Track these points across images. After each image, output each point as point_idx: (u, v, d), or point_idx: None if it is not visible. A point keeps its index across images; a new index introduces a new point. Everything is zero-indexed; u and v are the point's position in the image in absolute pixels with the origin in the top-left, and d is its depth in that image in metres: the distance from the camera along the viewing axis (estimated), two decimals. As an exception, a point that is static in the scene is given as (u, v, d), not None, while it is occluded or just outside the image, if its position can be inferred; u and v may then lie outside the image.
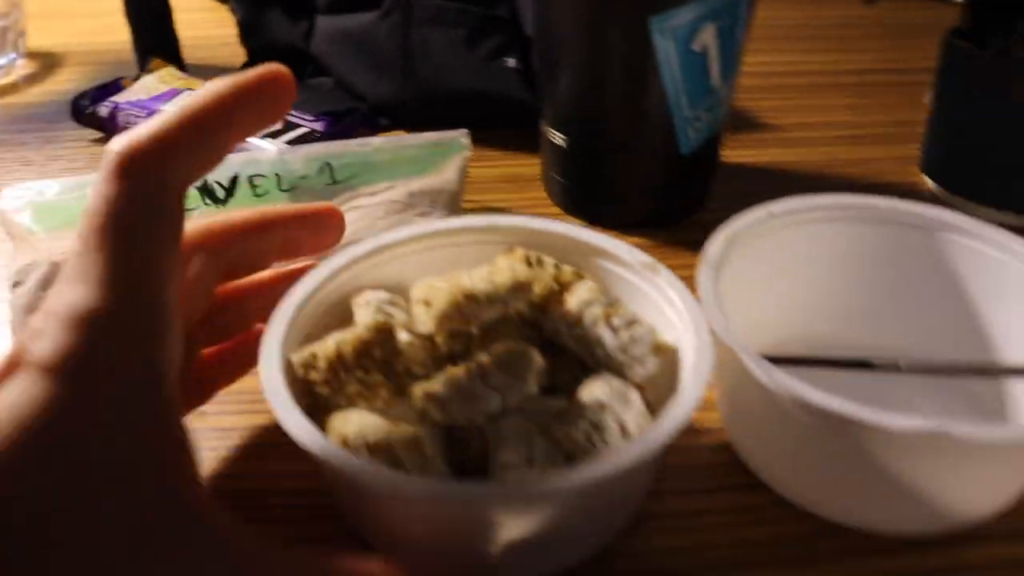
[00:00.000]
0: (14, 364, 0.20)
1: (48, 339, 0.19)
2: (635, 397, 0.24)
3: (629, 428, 0.24)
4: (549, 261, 0.29)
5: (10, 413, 0.18)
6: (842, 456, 0.25)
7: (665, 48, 0.37)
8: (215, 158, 0.23)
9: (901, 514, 0.27)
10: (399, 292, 0.29)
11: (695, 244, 0.42)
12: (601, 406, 0.24)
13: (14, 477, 0.18)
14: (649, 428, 0.22)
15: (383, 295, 0.28)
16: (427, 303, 0.26)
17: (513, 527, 0.22)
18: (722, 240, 0.30)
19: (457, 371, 0.24)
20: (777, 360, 0.27)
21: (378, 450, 0.23)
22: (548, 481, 0.21)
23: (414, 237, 0.30)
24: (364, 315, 0.27)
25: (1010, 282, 0.31)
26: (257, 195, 0.41)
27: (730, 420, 0.30)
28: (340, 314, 0.28)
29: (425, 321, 0.26)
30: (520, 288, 0.26)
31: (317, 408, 0.25)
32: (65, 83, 0.64)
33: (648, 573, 0.27)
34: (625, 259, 0.29)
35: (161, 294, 0.21)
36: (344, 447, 0.23)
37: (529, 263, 0.29)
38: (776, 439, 0.27)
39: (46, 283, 0.35)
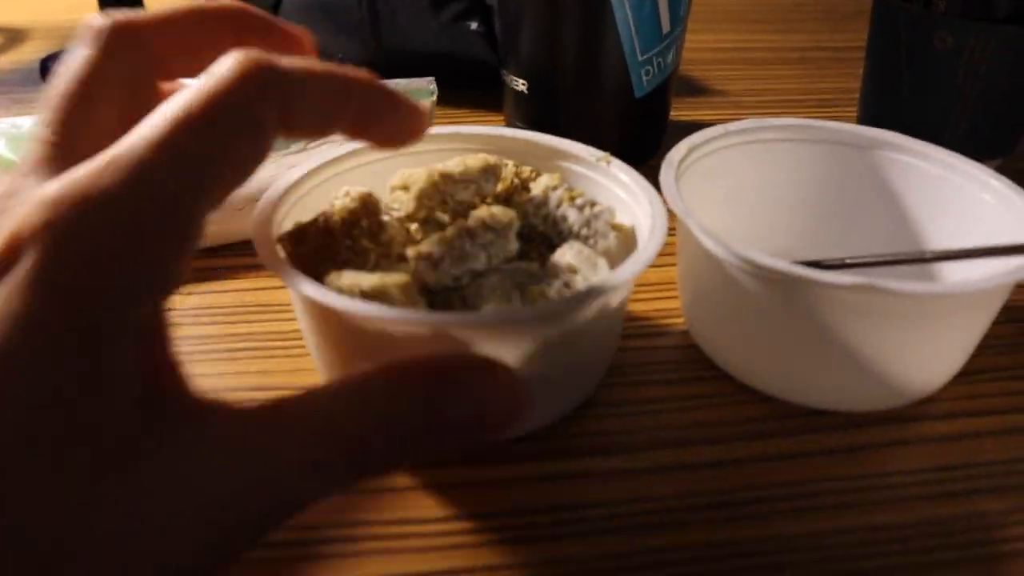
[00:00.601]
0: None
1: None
2: (602, 263, 0.26)
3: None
4: (510, 162, 0.31)
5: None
6: (789, 322, 0.28)
7: (619, -8, 0.40)
8: (208, 55, 0.21)
9: (852, 389, 0.29)
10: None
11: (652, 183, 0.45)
12: (571, 268, 0.26)
13: None
14: (608, 276, 0.25)
15: (361, 188, 0.30)
16: (405, 187, 0.28)
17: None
18: (684, 148, 0.32)
19: (447, 231, 0.26)
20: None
21: (373, 295, 0.23)
22: (516, 310, 0.23)
23: None
24: (342, 202, 0.29)
25: (940, 190, 0.34)
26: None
27: (691, 309, 0.33)
28: (318, 208, 0.30)
29: (405, 202, 0.28)
30: (490, 170, 0.29)
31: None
32: (31, 54, 0.65)
33: (600, 449, 0.28)
34: (581, 155, 0.31)
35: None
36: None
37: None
38: (730, 314, 0.30)
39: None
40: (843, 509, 0.27)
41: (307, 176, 0.30)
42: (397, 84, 0.45)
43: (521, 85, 0.45)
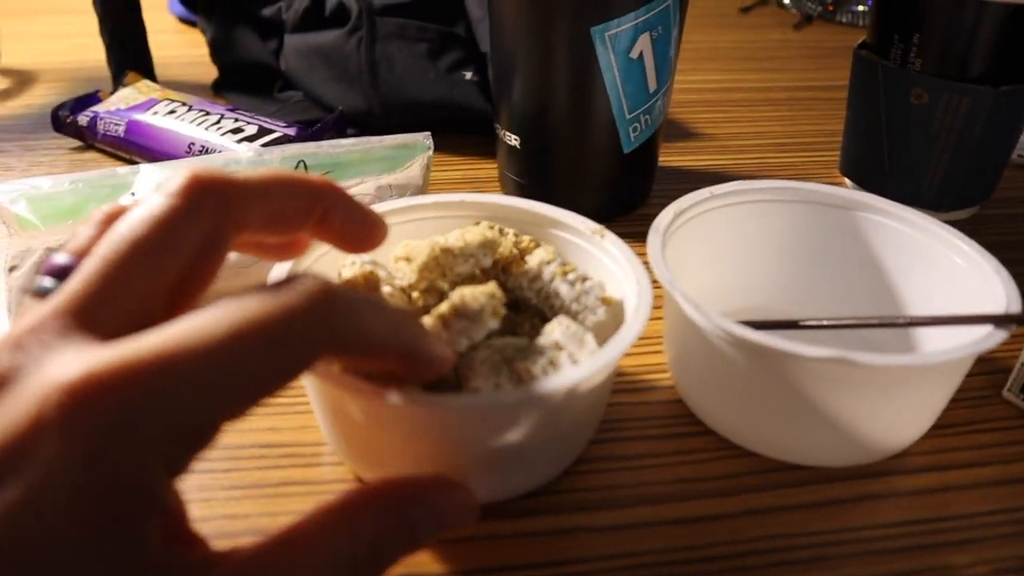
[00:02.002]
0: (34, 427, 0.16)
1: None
2: (589, 338, 0.28)
3: (581, 363, 0.28)
4: (510, 231, 0.33)
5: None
6: (767, 387, 0.29)
7: (606, 55, 0.42)
8: (272, 221, 0.22)
9: (827, 447, 0.31)
10: (379, 259, 0.33)
11: (639, 236, 0.47)
12: (558, 346, 0.27)
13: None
14: (596, 354, 0.26)
15: (366, 258, 0.32)
16: (408, 259, 0.30)
17: (475, 442, 0.26)
18: (670, 213, 0.34)
19: (427, 319, 0.27)
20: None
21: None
22: (504, 394, 0.25)
23: (393, 211, 0.34)
24: (350, 272, 0.31)
25: (914, 252, 0.35)
26: (236, 191, 0.44)
27: (676, 368, 0.34)
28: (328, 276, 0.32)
29: (407, 274, 0.30)
30: (488, 245, 0.30)
31: None
32: (41, 98, 0.67)
33: (588, 506, 0.30)
34: (577, 227, 0.33)
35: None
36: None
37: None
38: (712, 376, 0.32)
39: (40, 267, 0.38)
40: (819, 562, 0.28)
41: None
42: (395, 139, 0.47)
43: (513, 140, 0.47)
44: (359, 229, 0.25)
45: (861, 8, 0.89)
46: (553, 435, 0.28)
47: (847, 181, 0.54)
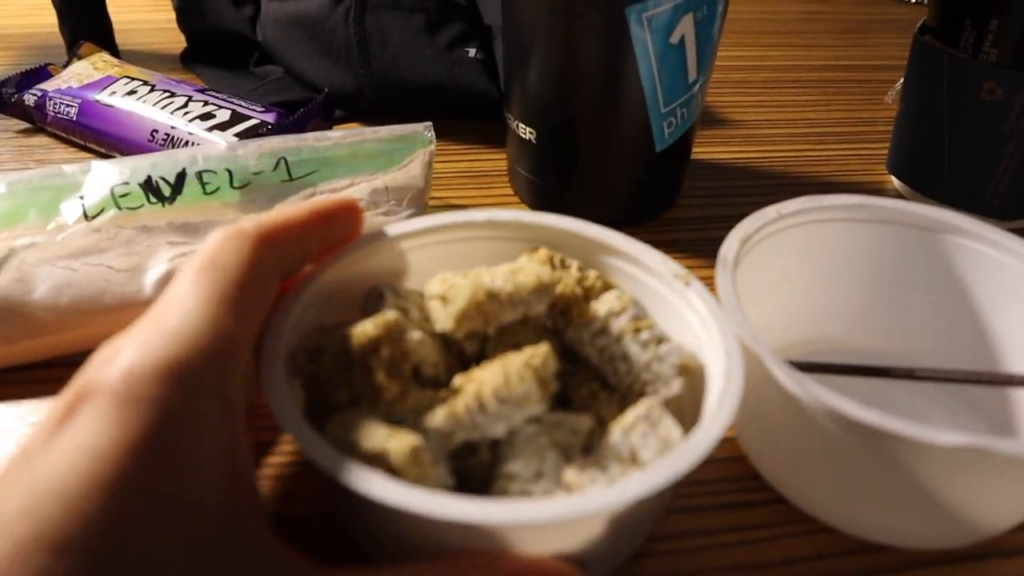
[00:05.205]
0: (80, 396, 0.19)
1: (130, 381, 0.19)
2: (668, 427, 0.23)
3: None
4: (574, 263, 0.28)
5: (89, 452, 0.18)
6: (875, 470, 0.24)
7: (643, 40, 0.36)
8: (306, 258, 0.25)
9: (932, 529, 0.26)
10: (413, 284, 0.28)
11: (669, 244, 0.41)
12: (633, 457, 0.22)
13: (104, 522, 0.17)
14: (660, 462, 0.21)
15: (396, 287, 0.26)
16: (444, 299, 0.24)
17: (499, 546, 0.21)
18: (736, 241, 0.29)
19: (456, 405, 0.22)
20: (797, 365, 0.26)
21: (375, 459, 0.21)
22: (519, 509, 0.19)
23: (429, 228, 0.28)
24: (375, 309, 0.25)
25: (1011, 285, 0.30)
26: (207, 192, 0.37)
27: (747, 430, 0.29)
28: (348, 303, 0.27)
29: (442, 319, 0.24)
30: (543, 290, 0.25)
31: (318, 401, 0.23)
32: (-13, 65, 0.59)
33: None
34: (656, 268, 0.27)
35: (246, 354, 0.22)
36: (341, 452, 0.21)
37: (553, 265, 0.27)
38: (799, 450, 0.26)
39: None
40: None
41: (333, 266, 0.26)
42: (391, 131, 0.40)
43: (528, 133, 0.41)
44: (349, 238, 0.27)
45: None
46: (615, 534, 0.23)
47: (895, 181, 0.48)
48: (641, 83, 0.37)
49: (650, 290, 0.28)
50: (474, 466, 0.24)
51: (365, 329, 0.23)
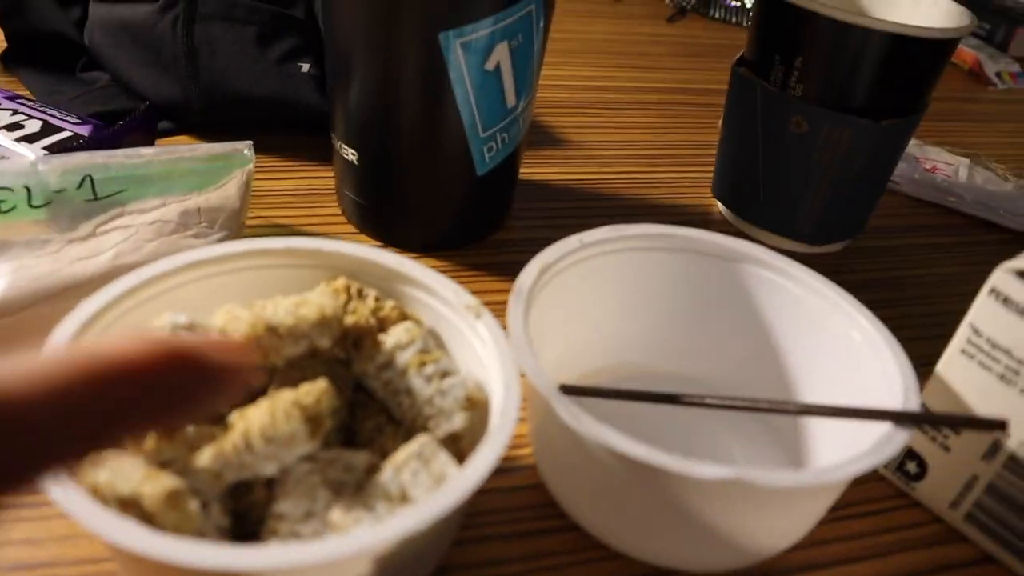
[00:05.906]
0: None
1: None
2: (443, 463, 0.23)
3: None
4: (371, 293, 0.28)
5: None
6: (647, 499, 0.25)
7: (458, 65, 0.36)
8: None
9: (710, 554, 0.27)
10: (207, 314, 0.26)
11: (495, 267, 0.41)
12: (403, 495, 0.22)
13: None
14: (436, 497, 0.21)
15: (182, 319, 0.25)
16: (224, 332, 0.23)
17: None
18: (535, 270, 0.29)
19: (224, 445, 0.22)
20: (588, 392, 0.26)
21: (128, 504, 0.20)
22: (270, 554, 0.19)
23: (224, 256, 0.28)
24: None
25: (804, 316, 0.32)
26: (2, 211, 0.35)
27: (542, 459, 0.29)
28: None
29: None
30: (326, 324, 0.24)
31: None
32: None
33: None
34: (450, 299, 0.28)
35: None
36: (93, 495, 0.20)
37: (349, 295, 0.27)
38: (584, 480, 0.27)
39: None
40: None
41: (123, 296, 0.25)
42: (209, 149, 0.39)
43: (351, 155, 0.40)
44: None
45: (735, 3, 0.86)
46: (394, 565, 0.23)
47: (720, 206, 0.50)
48: (458, 107, 0.37)
49: (445, 320, 0.28)
50: (251, 505, 0.23)
51: None
